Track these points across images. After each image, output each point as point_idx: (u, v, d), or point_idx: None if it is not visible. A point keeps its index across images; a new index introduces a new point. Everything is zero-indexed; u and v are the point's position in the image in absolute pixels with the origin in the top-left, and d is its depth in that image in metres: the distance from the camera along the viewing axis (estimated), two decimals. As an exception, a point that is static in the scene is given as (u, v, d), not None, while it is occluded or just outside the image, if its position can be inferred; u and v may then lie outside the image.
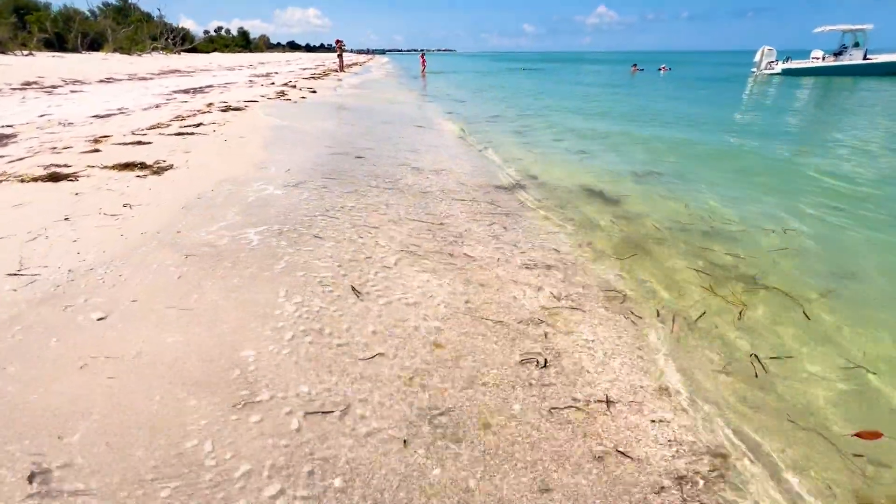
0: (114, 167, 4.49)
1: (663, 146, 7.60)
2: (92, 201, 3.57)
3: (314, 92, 13.96)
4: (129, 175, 4.31)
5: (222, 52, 77.48)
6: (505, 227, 3.83)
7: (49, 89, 12.21)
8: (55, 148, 5.30)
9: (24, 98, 10.19)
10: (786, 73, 25.54)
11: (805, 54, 26.82)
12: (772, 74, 26.20)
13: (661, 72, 32.45)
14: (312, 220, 3.54)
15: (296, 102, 11.02)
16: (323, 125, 8.22)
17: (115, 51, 43.09)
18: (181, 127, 6.89)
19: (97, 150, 5.18)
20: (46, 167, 4.42)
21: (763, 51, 26.33)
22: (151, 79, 17.76)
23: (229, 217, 3.47)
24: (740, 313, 2.73)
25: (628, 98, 16.67)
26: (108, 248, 2.81)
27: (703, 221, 4.22)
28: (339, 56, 28.75)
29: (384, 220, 3.67)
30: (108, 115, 8.03)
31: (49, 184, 3.96)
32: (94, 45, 48.21)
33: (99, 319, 2.16)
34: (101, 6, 55.64)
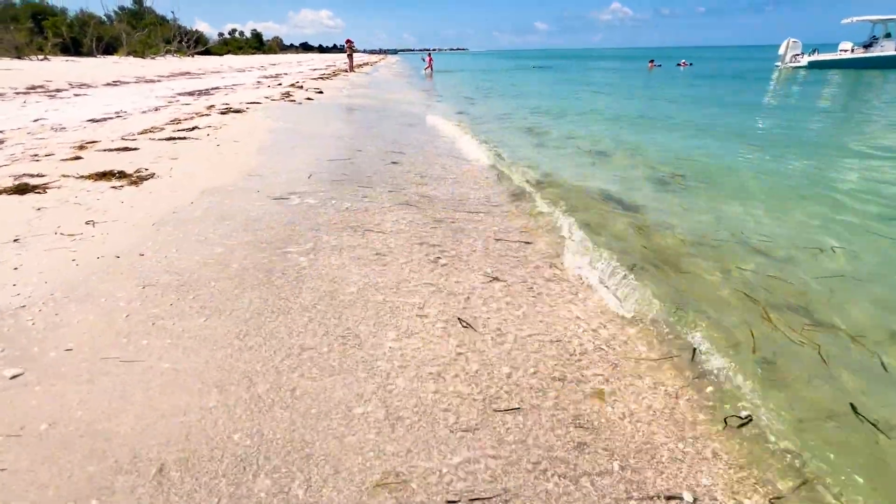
0: (89, 177, 4.11)
1: (679, 156, 6.98)
2: (53, 218, 3.18)
3: (321, 92, 13.59)
4: (104, 186, 3.92)
5: (235, 54, 78.09)
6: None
7: (53, 93, 12.04)
8: (36, 155, 4.96)
9: (24, 102, 9.99)
10: (812, 66, 24.46)
11: (830, 48, 25.64)
12: (797, 68, 25.14)
13: (681, 67, 31.45)
14: (300, 244, 3.09)
15: (300, 104, 10.65)
16: (325, 128, 7.81)
17: (128, 54, 43.58)
18: (175, 131, 6.53)
19: (78, 158, 4.82)
20: (18, 177, 4.06)
21: (788, 43, 25.26)
22: (159, 81, 17.62)
23: (205, 236, 3.04)
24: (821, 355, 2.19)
25: (647, 99, 15.96)
26: (52, 278, 2.40)
27: (739, 239, 3.67)
28: (349, 56, 28.46)
29: (389, 261, 3.21)
30: (105, 119, 7.73)
31: (14, 197, 3.59)
32: (109, 49, 48.88)
33: (13, 377, 1.74)
34: (116, 10, 56.48)
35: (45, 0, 45.57)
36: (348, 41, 29.33)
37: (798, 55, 25.29)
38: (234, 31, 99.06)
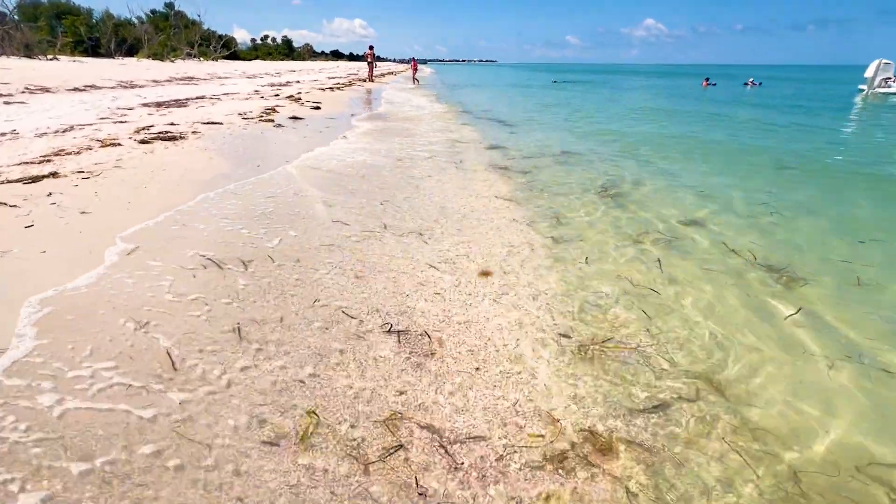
0: None
1: (777, 218, 3.89)
2: None
3: (318, 108, 10.87)
4: None
5: (264, 59, 77.65)
6: None
7: (-16, 99, 9.63)
8: None
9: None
10: (910, 92, 20.69)
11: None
12: (888, 94, 21.38)
13: (748, 87, 27.78)
14: None
15: (277, 126, 7.88)
16: (258, 190, 4.96)
17: (149, 56, 42.50)
18: (13, 178, 3.76)
19: None
20: None
21: (878, 65, 21.51)
22: (145, 86, 15.29)
23: None
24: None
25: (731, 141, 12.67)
26: None
27: None
28: (370, 65, 25.96)
29: None
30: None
31: None
32: (132, 50, 48.13)
33: None
34: (148, 13, 56.09)
35: (72, 0, 45.22)
36: (370, 49, 26.85)
37: (890, 79, 21.54)
38: (265, 37, 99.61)
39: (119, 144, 5.46)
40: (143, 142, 5.68)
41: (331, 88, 17.45)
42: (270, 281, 2.60)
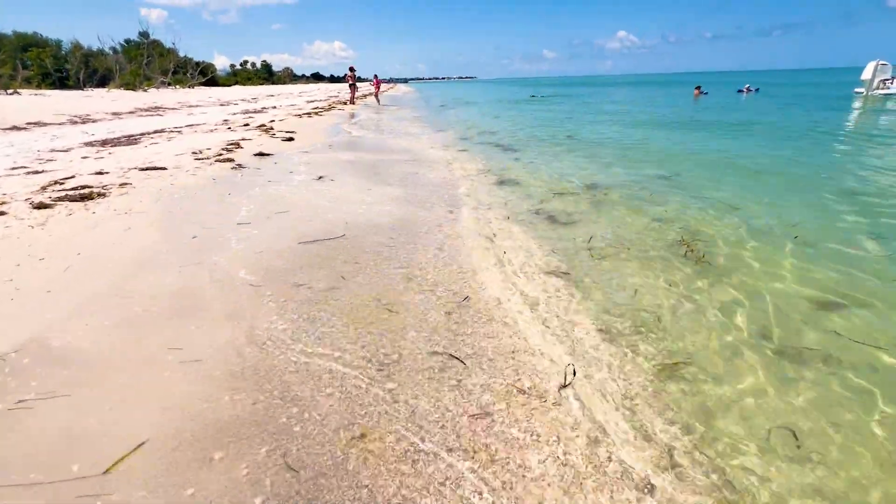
0: None
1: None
2: None
3: (291, 139, 9.43)
4: None
5: (244, 84, 76.38)
6: None
7: None
8: None
9: None
10: (911, 93, 20.06)
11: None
12: (888, 96, 20.75)
13: (744, 93, 27.07)
14: None
15: (238, 168, 6.42)
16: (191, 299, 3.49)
17: (121, 87, 40.86)
18: None
19: None
20: None
21: (875, 66, 20.91)
22: (101, 121, 13.73)
23: None
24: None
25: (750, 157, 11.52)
26: None
27: None
28: (351, 86, 24.69)
29: None
30: None
31: None
32: (105, 81, 46.44)
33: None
34: (122, 43, 54.58)
35: (38, 33, 43.52)
36: (351, 70, 25.61)
37: (888, 80, 20.94)
38: (245, 62, 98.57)
39: (1, 213, 3.94)
40: (40, 205, 4.17)
41: (308, 114, 16.07)
42: None
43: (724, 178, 6.42)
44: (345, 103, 24.21)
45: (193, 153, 7.38)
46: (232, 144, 8.32)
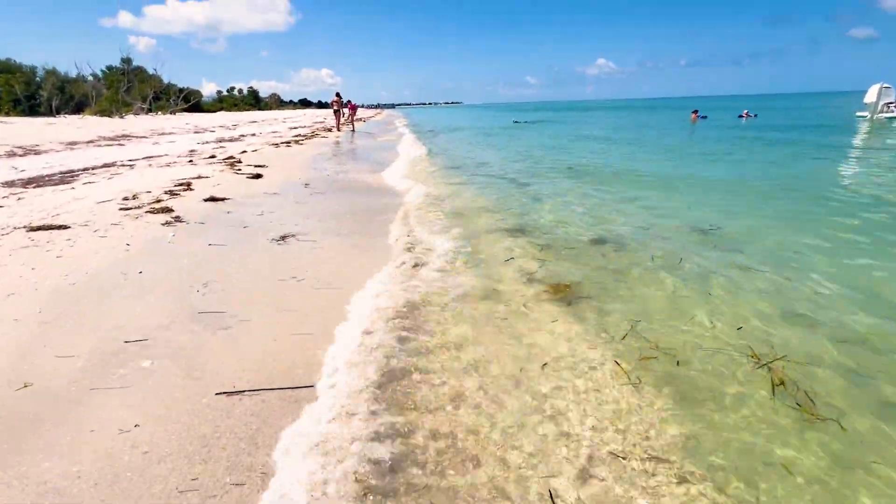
0: None
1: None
2: None
3: (259, 176, 7.88)
4: None
5: (229, 110, 75.20)
6: None
7: None
8: None
9: None
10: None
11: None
12: (892, 119, 20.11)
13: (744, 119, 26.44)
14: None
15: (168, 224, 4.82)
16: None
17: (97, 113, 39.16)
18: None
19: None
20: None
21: (879, 89, 20.30)
22: (45, 152, 12.02)
23: None
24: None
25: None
26: None
27: None
28: (336, 112, 23.37)
29: None
30: None
31: None
32: (81, 107, 44.71)
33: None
34: (104, 69, 53.16)
35: (12, 59, 41.82)
36: (337, 96, 24.29)
37: (892, 103, 20.34)
38: (232, 88, 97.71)
39: None
40: None
41: (287, 143, 14.58)
42: None
43: (800, 233, 5.00)
44: (329, 130, 22.88)
45: (125, 198, 5.76)
46: (181, 185, 6.73)
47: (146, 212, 5.09)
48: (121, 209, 5.19)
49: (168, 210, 5.16)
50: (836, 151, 12.12)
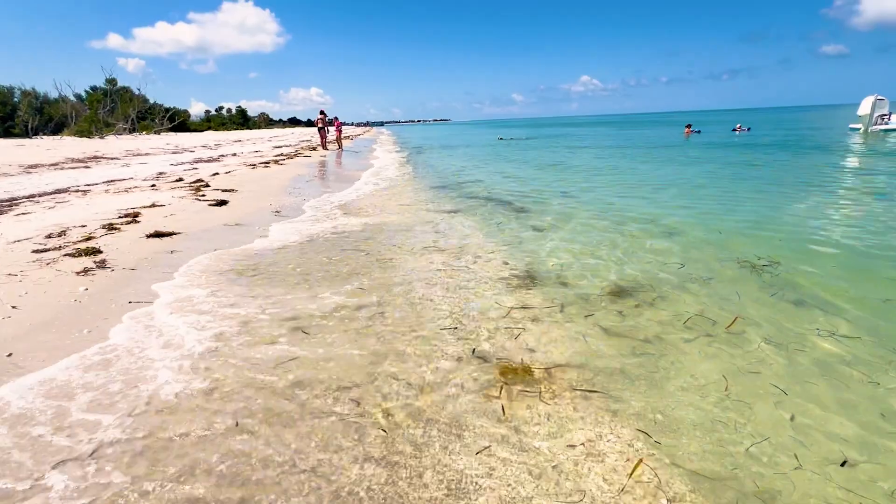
0: None
1: None
2: None
3: (224, 203, 6.90)
4: None
5: (217, 130, 74.25)
6: None
7: None
8: None
9: None
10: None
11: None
12: (888, 131, 19.81)
13: (737, 132, 26.11)
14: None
15: (86, 274, 3.83)
16: None
17: (75, 134, 37.96)
18: None
19: None
20: None
21: (872, 101, 20.03)
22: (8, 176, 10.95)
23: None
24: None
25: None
26: None
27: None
28: (321, 130, 22.53)
29: None
30: None
31: None
32: (60, 128, 43.50)
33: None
34: (88, 90, 52.15)
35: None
36: (321, 114, 23.50)
37: (885, 115, 20.07)
38: (220, 108, 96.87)
39: None
40: None
41: (266, 163, 13.64)
42: None
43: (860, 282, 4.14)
44: (314, 148, 22.03)
45: (48, 236, 4.75)
46: (127, 216, 5.73)
47: (65, 254, 4.09)
48: (35, 251, 4.19)
49: (94, 251, 4.17)
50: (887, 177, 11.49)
